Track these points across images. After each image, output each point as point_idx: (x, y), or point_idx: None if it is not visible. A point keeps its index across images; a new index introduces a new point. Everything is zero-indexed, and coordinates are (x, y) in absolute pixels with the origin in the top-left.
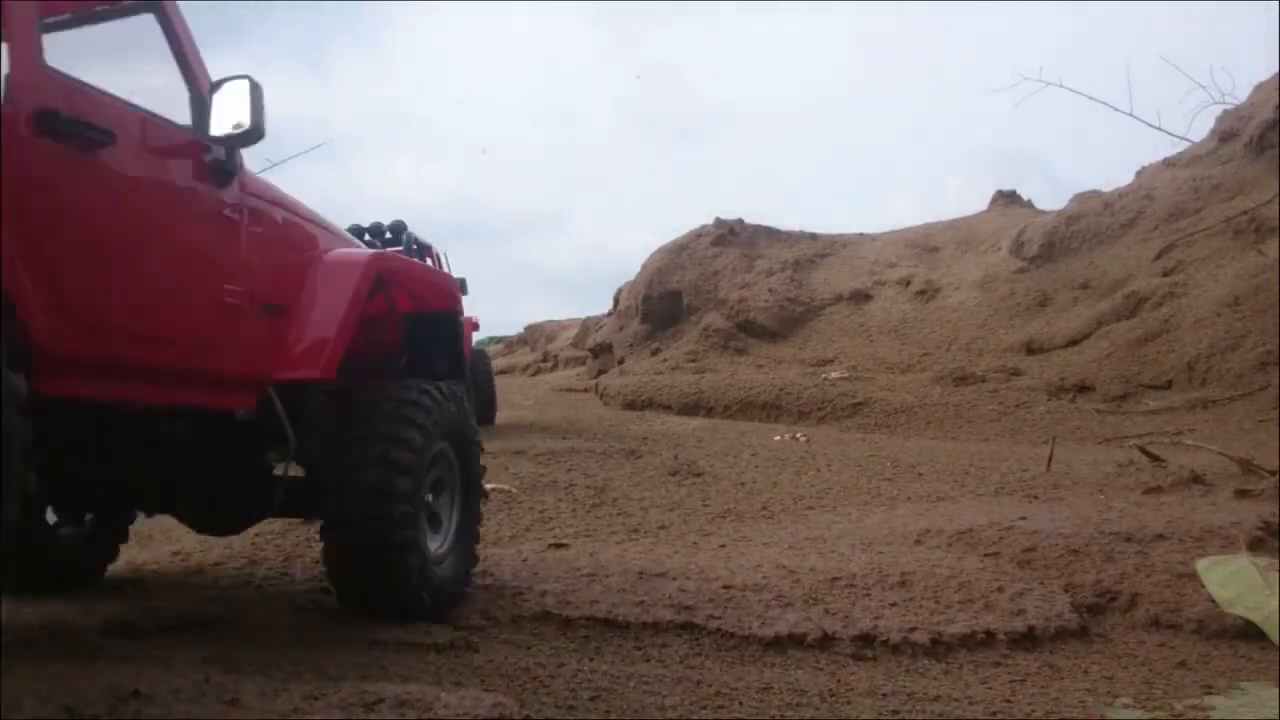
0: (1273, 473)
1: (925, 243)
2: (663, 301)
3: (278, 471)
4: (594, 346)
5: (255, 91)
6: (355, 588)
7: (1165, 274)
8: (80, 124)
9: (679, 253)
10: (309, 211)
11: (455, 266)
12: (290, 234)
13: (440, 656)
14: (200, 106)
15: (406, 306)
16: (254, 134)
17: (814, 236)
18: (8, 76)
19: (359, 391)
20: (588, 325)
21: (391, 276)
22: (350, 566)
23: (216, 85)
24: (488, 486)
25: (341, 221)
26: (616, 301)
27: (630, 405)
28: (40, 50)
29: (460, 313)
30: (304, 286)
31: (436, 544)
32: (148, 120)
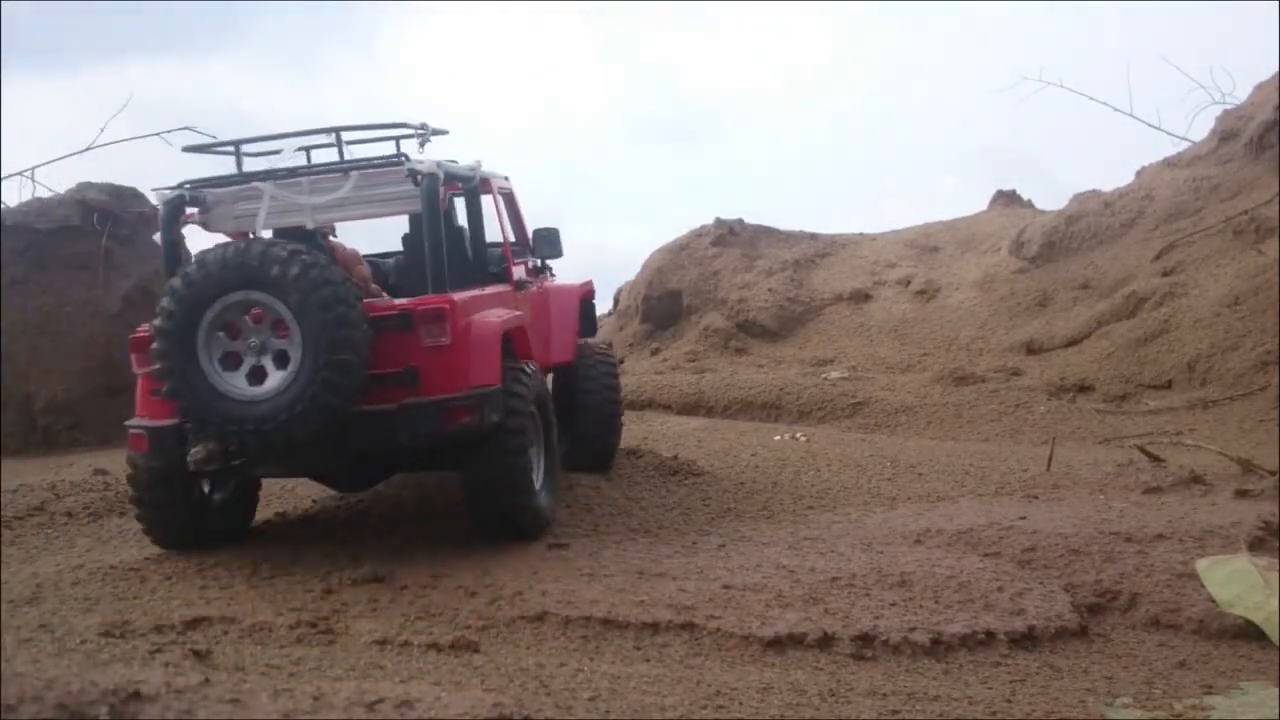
0: (1273, 473)
1: (925, 243)
2: (663, 301)
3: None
4: None
5: (555, 234)
6: (591, 440)
7: (1165, 274)
8: (524, 283)
9: (679, 253)
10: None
11: None
12: (543, 283)
13: (440, 656)
14: (524, 241)
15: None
16: (557, 256)
17: (814, 236)
18: (505, 269)
19: (584, 355)
20: None
21: (583, 296)
22: (594, 428)
23: (535, 232)
24: None
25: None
26: (616, 301)
27: (630, 405)
28: (514, 263)
29: (593, 299)
30: (550, 311)
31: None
32: (528, 264)
